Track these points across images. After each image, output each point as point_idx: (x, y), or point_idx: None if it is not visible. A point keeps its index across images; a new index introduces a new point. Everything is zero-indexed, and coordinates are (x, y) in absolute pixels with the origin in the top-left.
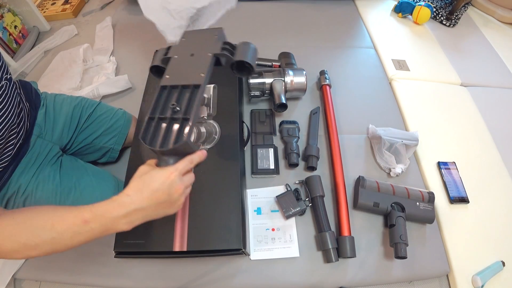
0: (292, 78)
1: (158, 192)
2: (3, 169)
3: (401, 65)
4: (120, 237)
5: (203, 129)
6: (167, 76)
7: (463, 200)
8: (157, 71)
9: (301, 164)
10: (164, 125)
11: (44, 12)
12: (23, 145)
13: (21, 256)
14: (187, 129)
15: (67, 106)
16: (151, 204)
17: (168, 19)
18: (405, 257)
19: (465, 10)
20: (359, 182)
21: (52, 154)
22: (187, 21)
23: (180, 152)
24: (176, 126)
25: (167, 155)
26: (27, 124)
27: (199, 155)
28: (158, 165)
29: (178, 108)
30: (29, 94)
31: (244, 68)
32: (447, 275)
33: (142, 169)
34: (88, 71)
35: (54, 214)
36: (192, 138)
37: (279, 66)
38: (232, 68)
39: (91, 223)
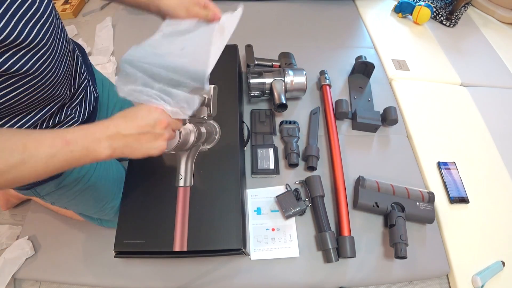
0: (292, 78)
1: (142, 120)
2: None
3: (401, 65)
4: (120, 237)
5: (203, 129)
6: None
7: (463, 200)
8: None
9: (301, 164)
10: None
11: None
12: (90, 117)
13: None
14: None
15: (115, 93)
16: (133, 132)
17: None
18: (405, 257)
19: (465, 10)
20: (359, 182)
21: None
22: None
23: None
24: None
25: None
26: (90, 90)
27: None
28: None
29: None
30: (85, 57)
31: None
32: (447, 275)
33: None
34: None
35: (28, 136)
36: (192, 138)
37: (279, 66)
38: None
39: (72, 145)
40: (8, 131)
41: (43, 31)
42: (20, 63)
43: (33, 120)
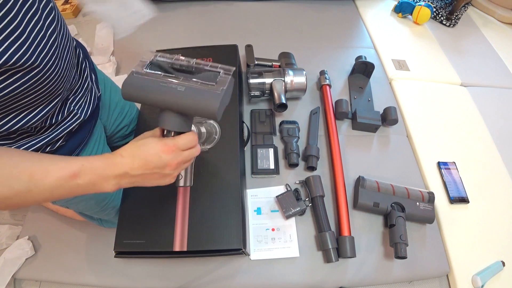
0: (292, 78)
1: (150, 164)
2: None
3: (401, 65)
4: (120, 237)
5: (203, 129)
6: None
7: (463, 200)
8: None
9: (301, 164)
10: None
11: None
12: (88, 123)
13: None
14: None
15: (118, 90)
16: (141, 173)
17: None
18: (405, 257)
19: (465, 10)
20: (359, 182)
21: (104, 140)
22: None
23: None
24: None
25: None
26: (93, 88)
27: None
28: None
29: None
30: (88, 56)
31: None
32: (447, 275)
33: (145, 133)
34: None
35: (35, 164)
36: None
37: (279, 66)
38: None
39: (79, 178)
40: (17, 156)
41: (40, 24)
42: (26, 56)
43: (38, 116)
